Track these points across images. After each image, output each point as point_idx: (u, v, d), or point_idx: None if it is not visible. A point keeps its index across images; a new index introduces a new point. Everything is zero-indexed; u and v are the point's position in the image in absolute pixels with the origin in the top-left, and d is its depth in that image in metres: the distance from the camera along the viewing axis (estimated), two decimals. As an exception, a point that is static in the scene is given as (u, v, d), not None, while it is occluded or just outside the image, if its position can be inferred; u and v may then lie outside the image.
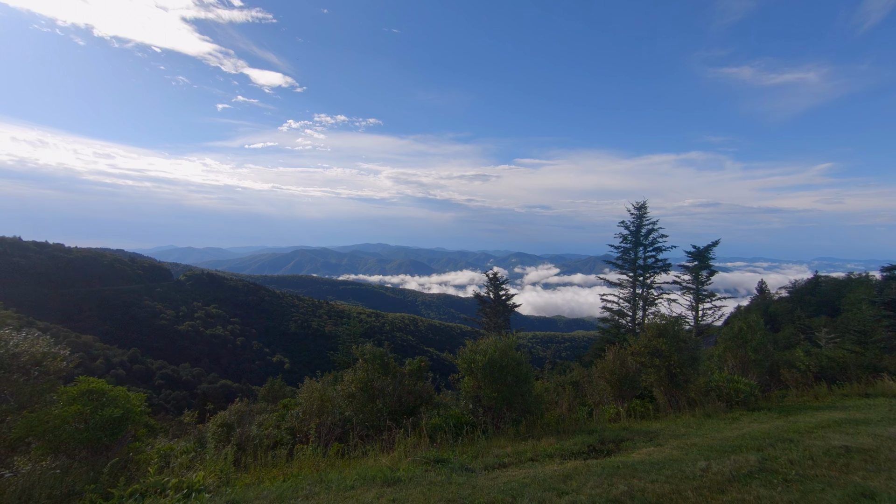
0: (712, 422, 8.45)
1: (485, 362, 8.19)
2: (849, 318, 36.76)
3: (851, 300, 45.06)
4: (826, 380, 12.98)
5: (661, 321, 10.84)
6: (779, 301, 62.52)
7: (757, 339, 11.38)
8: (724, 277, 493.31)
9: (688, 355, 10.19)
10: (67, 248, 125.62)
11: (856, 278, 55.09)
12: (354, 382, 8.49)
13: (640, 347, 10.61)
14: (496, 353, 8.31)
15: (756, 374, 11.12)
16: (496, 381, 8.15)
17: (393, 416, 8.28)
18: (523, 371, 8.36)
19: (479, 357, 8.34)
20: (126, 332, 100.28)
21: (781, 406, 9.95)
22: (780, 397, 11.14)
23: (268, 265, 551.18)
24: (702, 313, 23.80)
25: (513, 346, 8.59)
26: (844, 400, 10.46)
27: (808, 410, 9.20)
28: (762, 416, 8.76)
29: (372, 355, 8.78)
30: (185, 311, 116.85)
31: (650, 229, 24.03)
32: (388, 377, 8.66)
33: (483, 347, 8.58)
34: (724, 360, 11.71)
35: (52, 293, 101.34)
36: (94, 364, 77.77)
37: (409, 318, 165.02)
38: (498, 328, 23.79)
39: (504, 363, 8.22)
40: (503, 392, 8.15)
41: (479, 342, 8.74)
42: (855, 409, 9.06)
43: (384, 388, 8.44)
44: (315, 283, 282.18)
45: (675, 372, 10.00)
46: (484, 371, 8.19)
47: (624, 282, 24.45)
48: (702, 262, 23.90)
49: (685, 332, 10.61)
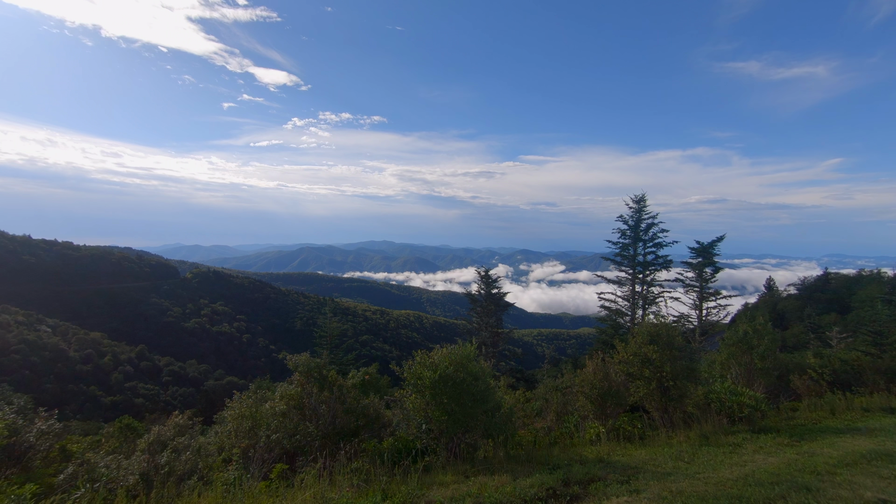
0: (709, 450, 7.03)
1: (434, 379, 6.85)
2: (861, 316, 36.18)
3: (863, 297, 44.40)
4: (841, 386, 12.09)
5: (653, 324, 9.61)
6: (787, 298, 61.76)
7: (764, 345, 10.17)
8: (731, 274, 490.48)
9: (683, 365, 8.92)
10: (76, 246, 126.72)
11: (867, 275, 54.28)
12: (285, 399, 7.14)
13: (628, 356, 9.34)
14: (450, 367, 7.00)
15: (763, 384, 10.01)
16: (450, 401, 6.83)
17: (328, 441, 6.86)
18: (481, 388, 7.05)
19: (427, 373, 7.00)
20: (134, 329, 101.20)
21: (792, 425, 8.52)
22: (790, 411, 9.95)
23: (274, 262, 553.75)
24: (706, 312, 22.85)
25: (471, 357, 7.32)
26: (867, 417, 9.05)
27: (825, 434, 7.71)
28: (769, 442, 7.34)
29: (306, 367, 7.30)
30: (191, 309, 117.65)
31: (650, 224, 22.91)
32: (326, 393, 7.25)
33: (435, 360, 7.25)
34: (728, 367, 10.48)
35: (60, 291, 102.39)
36: (102, 361, 78.59)
37: (414, 316, 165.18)
38: (490, 328, 22.77)
39: (459, 379, 6.90)
40: (456, 414, 6.82)
41: (432, 353, 7.53)
42: (883, 434, 7.47)
43: (316, 408, 7.06)
44: (320, 280, 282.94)
45: (667, 385, 8.72)
46: (433, 389, 6.87)
47: (623, 279, 23.42)
48: (706, 259, 22.91)
49: (680, 337, 9.36)
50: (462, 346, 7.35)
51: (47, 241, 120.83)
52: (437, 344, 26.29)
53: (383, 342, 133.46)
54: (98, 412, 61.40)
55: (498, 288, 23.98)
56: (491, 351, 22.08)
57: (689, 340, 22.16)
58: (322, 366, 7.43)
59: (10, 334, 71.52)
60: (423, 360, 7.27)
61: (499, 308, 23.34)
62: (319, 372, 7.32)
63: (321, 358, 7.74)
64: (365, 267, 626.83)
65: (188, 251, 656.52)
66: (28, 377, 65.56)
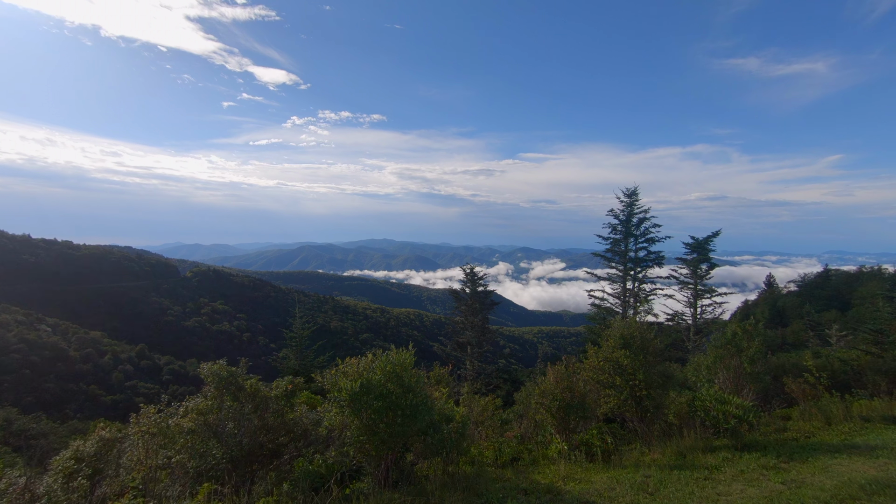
0: (680, 476, 5.92)
1: (353, 392, 5.67)
2: (861, 313, 36.06)
3: (863, 294, 44.28)
4: (839, 388, 11.27)
5: (626, 326, 8.54)
6: (787, 295, 61.68)
7: (754, 347, 9.34)
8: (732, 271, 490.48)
9: (659, 372, 7.98)
10: (76, 246, 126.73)
11: (867, 272, 54.14)
12: (191, 414, 5.83)
13: (599, 361, 8.38)
14: (378, 376, 5.83)
15: (753, 390, 9.14)
16: (375, 417, 5.67)
17: (241, 463, 5.64)
18: (413, 402, 5.87)
19: (345, 383, 5.77)
20: (134, 328, 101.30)
21: (782, 439, 7.51)
22: (782, 420, 9.01)
23: (274, 261, 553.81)
24: (701, 310, 22.12)
25: (407, 365, 6.13)
26: (866, 430, 7.96)
27: (818, 453, 6.58)
28: (753, 464, 6.23)
29: (217, 377, 5.92)
30: (191, 308, 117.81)
31: (641, 218, 21.93)
32: (239, 405, 5.89)
33: (359, 368, 6.04)
34: (715, 372, 9.52)
35: (60, 290, 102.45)
36: (102, 360, 78.66)
37: (414, 314, 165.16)
38: (475, 327, 22.01)
39: (385, 392, 5.75)
40: (381, 433, 5.65)
41: (361, 360, 6.36)
42: (885, 454, 6.29)
43: (221, 426, 5.69)
44: (321, 278, 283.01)
45: (640, 395, 7.75)
46: (354, 403, 5.68)
47: (613, 276, 22.47)
48: (701, 255, 22.11)
49: (657, 340, 8.47)
50: (398, 353, 6.19)
51: (47, 241, 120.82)
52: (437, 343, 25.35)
53: (384, 340, 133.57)
54: (99, 411, 61.43)
55: (484, 286, 23.15)
56: (476, 351, 21.50)
57: (684, 339, 21.74)
58: (238, 374, 6.09)
59: (10, 334, 71.54)
60: (345, 367, 6.12)
61: (484, 306, 22.54)
62: (235, 381, 5.95)
63: (241, 365, 6.44)
64: (365, 265, 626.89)
65: (188, 250, 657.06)
66: (28, 377, 65.59)
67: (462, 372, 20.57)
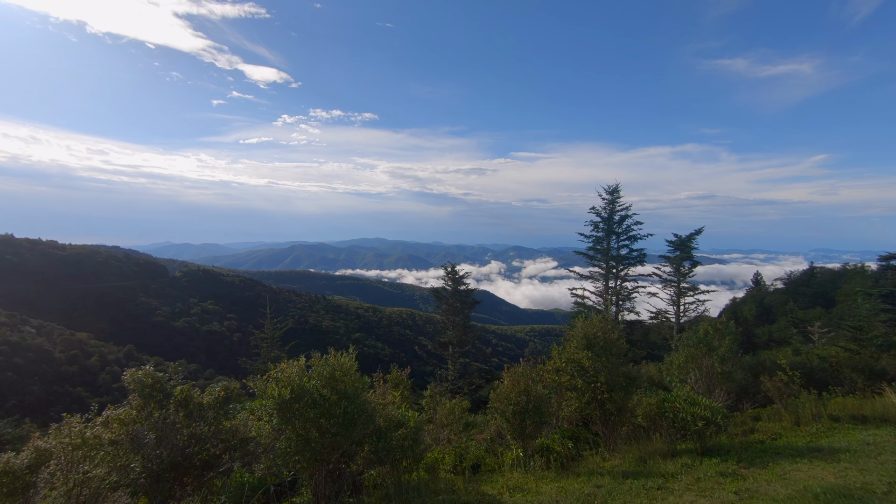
0: (632, 486, 5.65)
1: (282, 399, 5.17)
2: (843, 310, 36.61)
3: (847, 291, 44.94)
4: (817, 386, 11.28)
5: (589, 325, 8.08)
6: (774, 293, 62.53)
7: (725, 346, 9.13)
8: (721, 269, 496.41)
9: (621, 375, 7.60)
10: (61, 246, 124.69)
11: (851, 269, 54.99)
12: (113, 424, 5.27)
13: (561, 363, 7.99)
14: (313, 382, 5.37)
15: (724, 390, 8.93)
16: (307, 426, 5.19)
17: (164, 478, 5.05)
18: (351, 409, 5.37)
19: (273, 390, 5.27)
20: (121, 329, 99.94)
21: (747, 442, 7.29)
22: (752, 421, 8.81)
23: (265, 260, 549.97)
24: (684, 308, 21.99)
25: (349, 370, 5.63)
26: (833, 430, 7.82)
27: (780, 457, 6.39)
28: (711, 471, 6.00)
29: (140, 385, 5.36)
30: (181, 308, 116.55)
31: (623, 216, 21.73)
32: (165, 415, 5.31)
33: (290, 373, 5.45)
34: (686, 371, 9.24)
35: (45, 291, 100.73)
36: (89, 362, 77.49)
37: (406, 313, 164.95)
38: (457, 326, 21.64)
39: (317, 399, 5.25)
40: (314, 443, 5.18)
41: (295, 364, 5.81)
42: (847, 458, 6.10)
43: (141, 438, 5.16)
44: (312, 278, 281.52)
45: (602, 398, 7.38)
46: (283, 411, 5.21)
47: (595, 274, 22.28)
48: (684, 253, 21.95)
49: (623, 340, 8.11)
50: (337, 357, 5.72)
51: (31, 241, 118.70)
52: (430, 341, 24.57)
53: (376, 339, 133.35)
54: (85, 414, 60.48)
55: (465, 284, 22.83)
56: (458, 350, 21.24)
57: (666, 338, 21.79)
58: (164, 381, 5.47)
59: (-8, 336, 70.25)
60: (276, 372, 5.55)
61: (465, 305, 22.18)
62: (162, 389, 5.37)
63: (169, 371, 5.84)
64: (357, 264, 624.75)
65: (178, 250, 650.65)
66: (12, 379, 64.44)
67: (443, 372, 20.47)
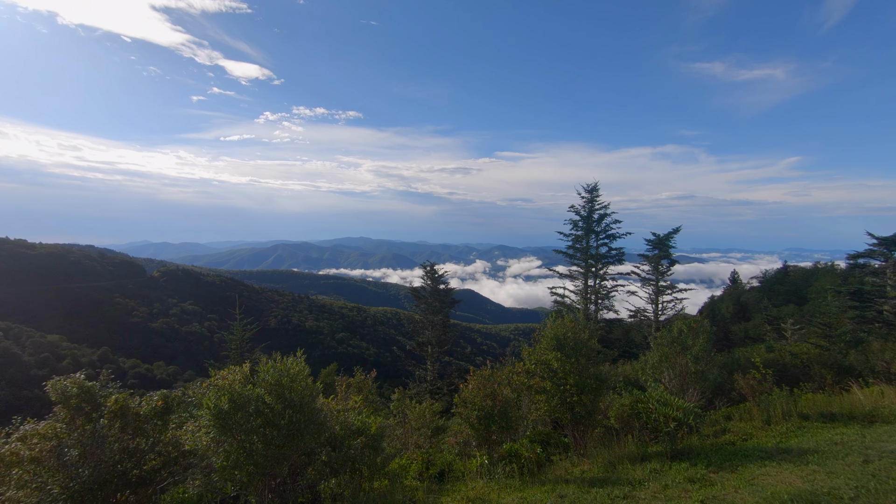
0: (597, 495, 5.40)
1: (219, 409, 4.79)
2: (814, 307, 37.75)
3: (818, 289, 46.36)
4: (789, 382, 11.20)
5: (560, 325, 7.75)
6: (750, 291, 64.20)
7: (699, 345, 8.84)
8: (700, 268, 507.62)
9: (591, 377, 7.31)
10: (31, 244, 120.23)
11: (822, 268, 56.77)
12: (32, 439, 4.65)
13: (532, 365, 7.67)
14: (257, 390, 4.96)
15: (698, 389, 8.80)
16: (249, 438, 4.78)
17: (87, 498, 4.45)
18: (297, 419, 4.93)
19: (209, 400, 4.86)
20: (96, 330, 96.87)
21: (717, 444, 7.10)
22: (724, 421, 8.71)
23: (247, 260, 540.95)
24: (662, 306, 22.00)
25: (299, 376, 5.20)
26: (803, 429, 7.70)
27: (749, 459, 6.26)
28: (679, 477, 5.81)
29: (64, 395, 4.83)
30: (159, 308, 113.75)
31: (602, 214, 21.73)
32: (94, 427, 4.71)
33: (230, 381, 5.04)
34: (660, 371, 9.11)
35: (13, 292, 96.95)
36: (60, 365, 74.90)
37: (391, 312, 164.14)
38: (436, 326, 21.27)
39: (260, 408, 4.83)
40: (257, 456, 4.74)
41: (238, 370, 5.33)
42: (815, 460, 5.95)
43: (63, 454, 4.57)
44: (296, 277, 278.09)
45: (571, 401, 7.08)
46: (221, 421, 4.75)
47: (575, 273, 22.17)
48: (662, 251, 21.98)
49: (595, 340, 7.86)
50: (284, 361, 5.28)
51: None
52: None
53: (360, 339, 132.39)
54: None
55: (445, 283, 22.49)
56: (437, 350, 20.93)
57: (646, 336, 21.96)
58: (94, 389, 4.89)
59: (-44, 339, 67.28)
60: (215, 379, 5.06)
61: (445, 305, 21.79)
62: (91, 399, 4.83)
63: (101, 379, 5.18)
64: (341, 264, 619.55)
65: (156, 249, 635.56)
66: (-23, 384, 61.90)
67: (422, 372, 20.24)
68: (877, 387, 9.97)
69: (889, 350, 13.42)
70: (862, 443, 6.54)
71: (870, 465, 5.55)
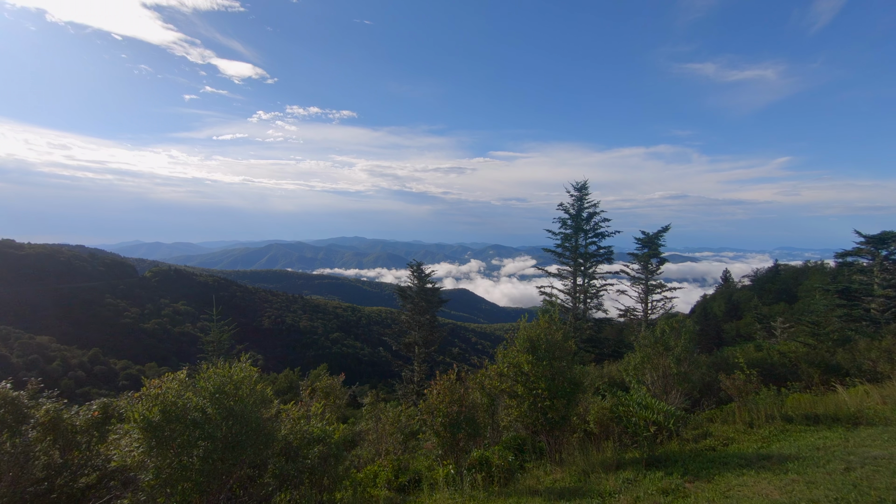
0: None
1: (146, 423, 4.25)
2: (804, 306, 38.02)
3: (807, 287, 46.73)
4: (776, 381, 11.05)
5: (533, 326, 7.37)
6: (742, 289, 64.64)
7: (681, 346, 8.59)
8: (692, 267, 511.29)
9: (566, 381, 6.88)
10: (19, 245, 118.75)
11: (812, 266, 57.23)
12: None
13: (504, 368, 7.24)
14: (195, 399, 4.51)
15: (680, 392, 8.54)
16: (186, 452, 4.31)
17: None
18: (231, 430, 4.49)
19: (137, 411, 4.33)
20: (86, 331, 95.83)
21: (697, 449, 6.79)
22: (707, 424, 8.47)
23: (241, 260, 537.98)
24: (652, 305, 21.84)
25: (244, 381, 4.77)
26: (786, 432, 7.43)
27: (727, 467, 5.93)
28: (653, 488, 5.49)
29: None
30: (150, 309, 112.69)
31: (591, 213, 21.53)
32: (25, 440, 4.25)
33: (164, 389, 4.55)
34: (643, 372, 8.91)
35: (1, 292, 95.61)
36: (50, 366, 73.93)
37: (386, 312, 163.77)
38: (422, 326, 20.89)
39: (198, 419, 4.38)
40: (193, 472, 4.28)
41: (174, 376, 4.76)
42: (795, 468, 5.60)
43: None
44: (290, 277, 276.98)
45: (543, 406, 6.69)
46: (151, 434, 4.26)
47: (564, 272, 21.97)
48: (651, 250, 21.82)
49: (572, 342, 7.44)
50: (226, 367, 4.82)
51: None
52: None
53: (354, 339, 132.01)
54: None
55: (432, 283, 22.18)
56: (423, 351, 20.64)
57: (635, 335, 21.92)
58: (18, 401, 4.39)
59: (-59, 341, 66.25)
60: (148, 389, 4.50)
61: (431, 305, 21.38)
62: (16, 411, 4.29)
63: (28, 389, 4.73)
64: (336, 263, 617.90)
65: (148, 249, 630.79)
66: (-37, 386, 61.01)
67: (408, 374, 20.00)
68: (861, 387, 9.89)
69: (875, 349, 13.39)
70: (845, 448, 6.27)
71: (851, 474, 5.22)
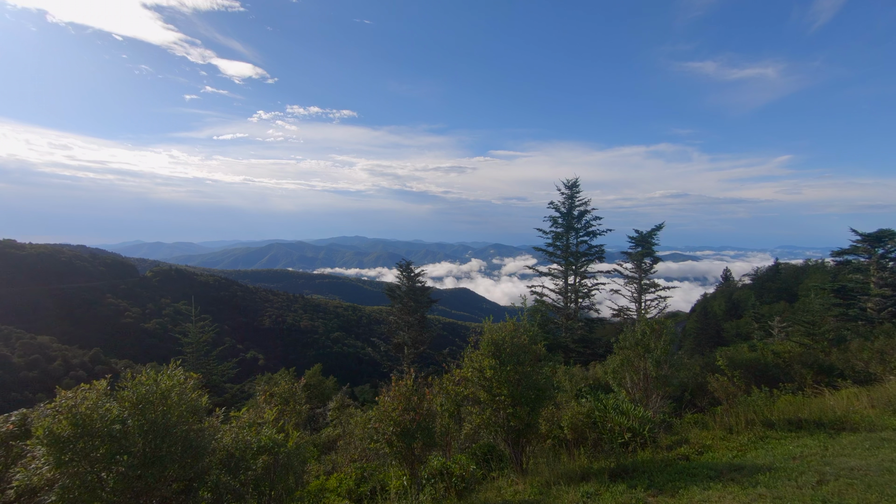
0: None
1: (51, 438, 3.81)
2: (801, 305, 37.78)
3: (807, 286, 46.50)
4: (770, 381, 10.93)
5: (498, 328, 7.04)
6: (742, 288, 64.33)
7: (661, 348, 8.29)
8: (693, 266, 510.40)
9: (530, 387, 6.48)
10: (20, 245, 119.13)
11: (812, 265, 56.87)
12: None
13: (468, 372, 6.93)
14: (114, 411, 4.08)
15: (660, 395, 8.29)
16: (99, 468, 3.91)
17: None
18: (155, 442, 4.10)
19: (40, 427, 3.85)
20: (87, 331, 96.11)
21: (669, 459, 6.46)
22: (688, 429, 8.19)
23: (241, 259, 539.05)
24: (645, 305, 21.41)
25: (173, 388, 4.41)
26: (765, 439, 7.12)
27: (695, 479, 5.55)
28: (612, 501, 5.20)
29: None
30: (151, 309, 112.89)
31: (583, 211, 21.08)
32: None
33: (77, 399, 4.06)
34: (622, 376, 8.64)
35: (2, 292, 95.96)
36: (51, 366, 74.17)
37: (387, 311, 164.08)
38: (411, 327, 20.45)
39: (113, 433, 3.97)
40: (107, 491, 3.88)
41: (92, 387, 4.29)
42: (766, 479, 5.28)
43: None
44: (290, 276, 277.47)
45: (506, 413, 6.36)
46: (59, 450, 3.82)
47: (555, 271, 21.56)
48: (645, 248, 21.41)
49: (542, 345, 7.10)
50: (152, 374, 4.43)
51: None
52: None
53: (355, 338, 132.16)
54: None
55: (422, 282, 21.71)
56: (412, 352, 20.25)
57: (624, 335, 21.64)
58: None
59: (-58, 341, 66.49)
60: (59, 402, 4.00)
61: (420, 304, 20.87)
62: None
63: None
64: (336, 263, 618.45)
65: (149, 249, 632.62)
66: (-37, 386, 61.21)
67: (398, 375, 19.71)
68: (848, 390, 9.71)
69: (867, 349, 13.22)
70: (822, 457, 5.94)
71: (823, 488, 4.87)
